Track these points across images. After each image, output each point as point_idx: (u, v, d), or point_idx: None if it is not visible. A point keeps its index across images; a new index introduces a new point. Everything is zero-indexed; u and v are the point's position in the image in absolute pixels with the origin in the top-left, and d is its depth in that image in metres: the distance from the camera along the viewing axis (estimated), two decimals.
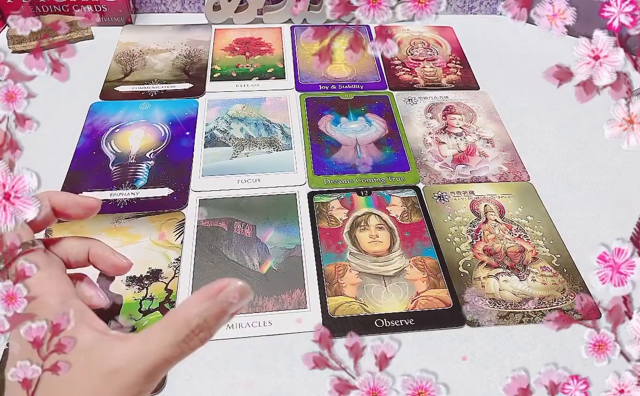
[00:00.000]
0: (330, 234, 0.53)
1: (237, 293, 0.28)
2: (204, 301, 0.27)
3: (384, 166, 0.60)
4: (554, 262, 0.51)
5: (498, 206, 0.56)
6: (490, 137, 0.65)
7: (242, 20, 0.81)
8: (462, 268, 0.50)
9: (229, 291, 0.27)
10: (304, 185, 0.58)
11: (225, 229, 0.53)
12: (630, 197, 0.58)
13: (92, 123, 0.64)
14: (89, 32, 0.77)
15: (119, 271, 0.32)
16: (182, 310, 0.27)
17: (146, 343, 0.26)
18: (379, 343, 0.23)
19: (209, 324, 0.27)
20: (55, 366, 0.23)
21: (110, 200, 0.55)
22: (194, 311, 0.27)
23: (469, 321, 0.46)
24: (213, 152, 0.61)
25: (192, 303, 0.27)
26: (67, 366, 0.24)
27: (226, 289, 0.27)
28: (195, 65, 0.74)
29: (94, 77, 0.70)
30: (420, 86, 0.72)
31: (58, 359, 0.23)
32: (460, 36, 0.81)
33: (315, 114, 0.67)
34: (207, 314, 0.27)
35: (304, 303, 0.47)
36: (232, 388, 0.41)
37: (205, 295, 0.27)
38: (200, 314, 0.27)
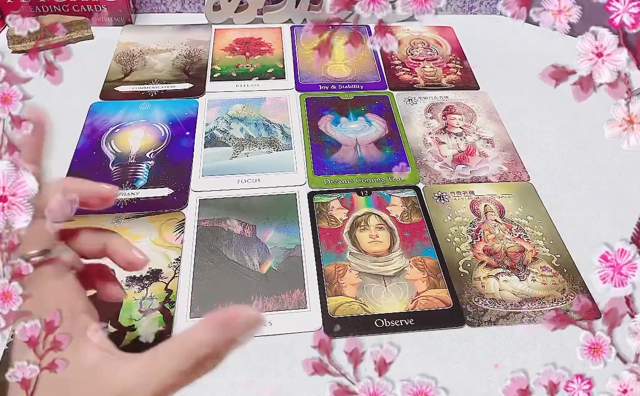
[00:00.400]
0: (330, 234, 0.53)
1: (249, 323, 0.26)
2: (214, 329, 0.25)
3: (384, 166, 0.60)
4: (554, 262, 0.51)
5: (498, 206, 0.56)
6: (490, 137, 0.65)
7: (242, 20, 0.81)
8: (462, 268, 0.50)
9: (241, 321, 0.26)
10: (304, 185, 0.58)
11: (225, 230, 0.53)
12: (630, 197, 0.58)
13: (92, 123, 0.64)
14: (89, 32, 0.77)
15: (134, 267, 0.31)
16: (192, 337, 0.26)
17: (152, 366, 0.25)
18: (378, 349, 0.23)
19: (219, 353, 0.26)
20: (53, 364, 0.23)
21: None
22: (203, 339, 0.25)
23: (468, 321, 0.46)
24: (213, 152, 0.61)
25: (202, 330, 0.26)
26: (64, 363, 0.23)
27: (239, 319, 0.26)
28: (195, 65, 0.74)
29: (94, 77, 0.70)
30: (420, 86, 0.72)
31: (55, 357, 0.23)
32: (460, 36, 0.81)
33: (315, 114, 0.67)
34: (216, 343, 0.25)
35: (304, 303, 0.47)
36: (232, 388, 0.41)
37: (216, 323, 0.26)
38: (209, 343, 0.25)
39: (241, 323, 0.26)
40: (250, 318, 0.26)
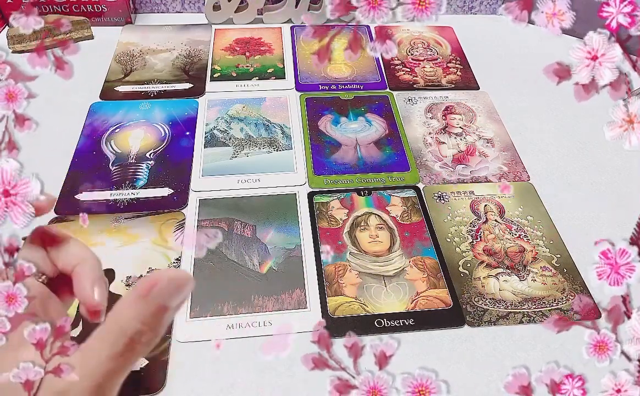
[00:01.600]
0: (330, 234, 0.53)
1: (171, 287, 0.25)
2: (137, 302, 0.24)
3: (384, 166, 0.60)
4: (554, 262, 0.51)
5: (498, 206, 0.56)
6: (490, 137, 0.65)
7: (242, 20, 0.81)
8: (462, 268, 0.50)
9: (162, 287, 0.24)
10: (304, 185, 0.58)
11: (225, 229, 0.53)
12: (630, 197, 0.58)
13: (92, 123, 0.64)
14: (89, 32, 0.77)
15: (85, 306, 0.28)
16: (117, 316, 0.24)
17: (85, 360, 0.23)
18: (378, 343, 0.23)
19: (150, 325, 0.24)
20: (58, 368, 0.23)
21: (110, 200, 0.55)
22: (128, 315, 0.24)
23: (468, 321, 0.46)
24: (213, 152, 0.61)
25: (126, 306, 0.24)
26: (70, 368, 0.23)
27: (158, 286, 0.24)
28: (195, 65, 0.74)
29: (94, 77, 0.70)
30: (420, 86, 0.72)
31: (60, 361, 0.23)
32: (460, 36, 0.81)
33: (315, 114, 0.67)
34: (142, 315, 0.24)
35: (304, 303, 0.47)
36: (232, 388, 0.41)
37: (137, 295, 0.24)
38: (136, 317, 0.24)
39: (163, 288, 0.24)
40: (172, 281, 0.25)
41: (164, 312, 0.25)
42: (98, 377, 0.23)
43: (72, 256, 0.29)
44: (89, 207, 0.54)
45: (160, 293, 0.24)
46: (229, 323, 0.45)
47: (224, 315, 0.46)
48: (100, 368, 0.23)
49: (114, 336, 0.24)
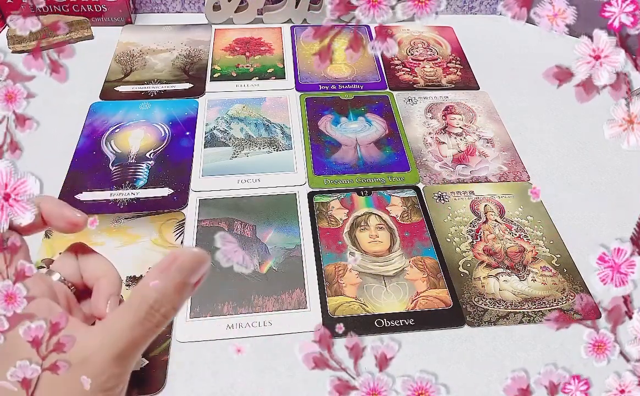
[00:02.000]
0: (330, 234, 0.53)
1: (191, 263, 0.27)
2: (157, 276, 0.26)
3: (384, 166, 0.60)
4: (554, 262, 0.51)
5: (498, 206, 0.56)
6: (490, 137, 0.65)
7: (242, 20, 0.81)
8: (462, 268, 0.50)
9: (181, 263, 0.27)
10: (304, 185, 0.58)
11: (225, 229, 0.53)
12: (630, 197, 0.58)
13: (92, 123, 0.64)
14: (89, 32, 0.77)
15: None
16: (139, 288, 0.27)
17: (110, 327, 0.26)
18: (379, 344, 0.23)
19: (169, 298, 0.26)
20: (55, 365, 0.23)
21: (110, 200, 0.55)
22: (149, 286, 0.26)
23: (468, 321, 0.46)
24: (213, 152, 0.61)
25: (147, 280, 0.27)
26: (67, 365, 0.23)
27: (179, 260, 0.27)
28: (195, 65, 0.74)
29: (94, 77, 0.70)
30: (420, 86, 0.72)
31: (57, 358, 0.23)
32: (460, 36, 0.81)
33: (315, 114, 0.67)
34: (163, 287, 0.26)
35: (304, 303, 0.47)
36: (232, 388, 0.41)
37: (159, 270, 0.27)
38: (157, 289, 0.26)
39: (181, 265, 0.27)
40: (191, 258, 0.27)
41: (184, 287, 0.27)
42: (121, 343, 0.25)
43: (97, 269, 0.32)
44: (89, 207, 0.54)
45: (180, 268, 0.27)
46: (229, 323, 0.45)
47: (224, 315, 0.46)
48: (122, 337, 0.25)
49: (136, 302, 0.26)
